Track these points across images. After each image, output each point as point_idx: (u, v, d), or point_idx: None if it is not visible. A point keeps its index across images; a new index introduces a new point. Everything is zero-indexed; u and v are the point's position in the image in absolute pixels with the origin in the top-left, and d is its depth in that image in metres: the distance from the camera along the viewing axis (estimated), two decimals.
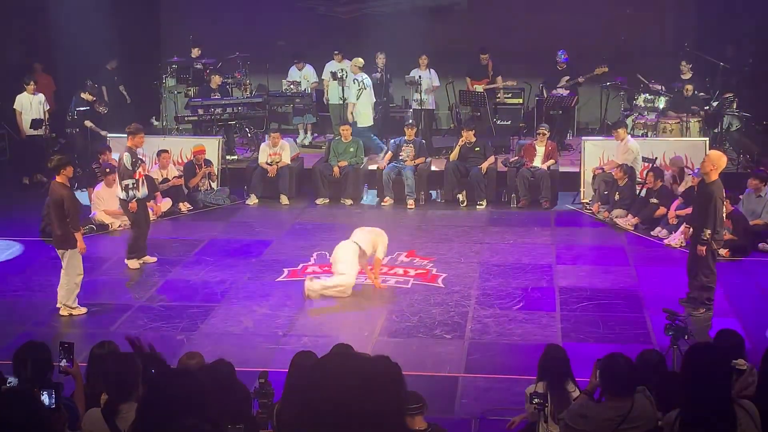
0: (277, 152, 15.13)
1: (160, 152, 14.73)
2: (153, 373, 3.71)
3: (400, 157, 15.07)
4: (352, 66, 16.34)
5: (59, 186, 9.96)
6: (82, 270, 10.13)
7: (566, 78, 16.70)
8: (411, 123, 15.59)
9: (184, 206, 14.57)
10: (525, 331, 9.63)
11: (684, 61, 16.32)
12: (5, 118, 16.60)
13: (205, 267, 11.75)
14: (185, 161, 15.24)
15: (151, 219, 12.51)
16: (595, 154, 14.95)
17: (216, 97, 16.59)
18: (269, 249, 12.49)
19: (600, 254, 12.28)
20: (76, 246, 9.98)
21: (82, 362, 6.21)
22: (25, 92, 16.02)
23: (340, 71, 16.66)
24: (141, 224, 11.65)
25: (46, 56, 17.67)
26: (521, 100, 17.40)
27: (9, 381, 5.36)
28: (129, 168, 11.35)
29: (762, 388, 5.30)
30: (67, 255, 10.01)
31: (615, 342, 9.14)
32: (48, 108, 16.23)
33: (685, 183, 13.46)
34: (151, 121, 17.89)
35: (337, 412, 2.92)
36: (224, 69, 17.51)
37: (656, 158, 14.30)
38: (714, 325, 9.53)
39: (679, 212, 12.73)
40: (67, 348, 5.63)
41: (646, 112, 16.08)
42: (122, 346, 6.24)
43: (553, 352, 6.39)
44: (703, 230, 9.68)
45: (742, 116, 15.69)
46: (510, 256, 12.15)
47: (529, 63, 17.49)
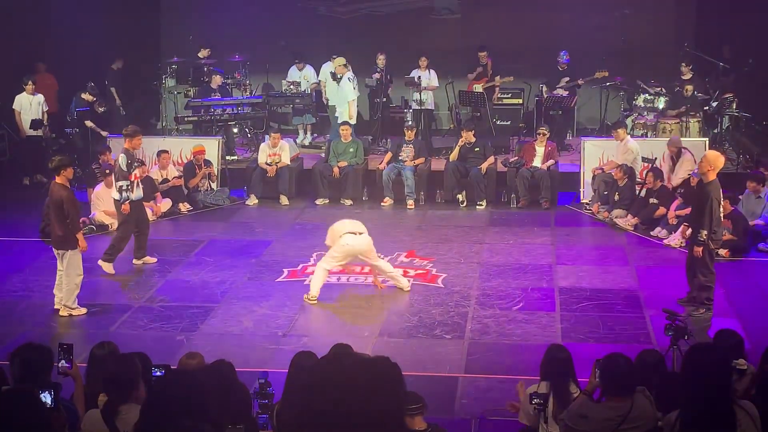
0: (276, 152, 15.12)
1: (160, 153, 14.74)
2: (155, 376, 3.72)
3: (400, 158, 15.07)
4: (336, 67, 16.19)
5: (59, 187, 9.94)
6: (82, 270, 10.12)
7: (566, 79, 16.69)
8: (411, 124, 15.59)
9: (184, 207, 14.57)
10: (525, 332, 9.63)
11: (684, 62, 16.31)
12: (5, 119, 16.59)
13: (205, 267, 11.74)
14: (185, 161, 15.24)
15: (150, 219, 12.52)
16: (595, 154, 14.96)
17: (216, 97, 16.60)
18: (269, 249, 12.49)
19: (600, 254, 12.28)
20: (76, 247, 9.97)
21: (81, 363, 6.20)
22: (24, 92, 16.01)
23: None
24: (130, 227, 11.56)
25: (50, 56, 17.65)
26: (521, 101, 17.41)
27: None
28: (124, 170, 11.32)
29: (762, 388, 5.30)
30: (67, 255, 9.99)
31: (615, 342, 9.15)
32: (47, 109, 16.22)
33: (681, 162, 13.50)
34: (151, 121, 17.88)
35: (337, 413, 2.92)
36: (224, 69, 17.49)
37: (656, 158, 14.30)
38: (714, 325, 9.53)
39: (679, 212, 12.73)
40: (67, 349, 5.61)
41: (645, 113, 16.07)
42: (122, 347, 6.26)
43: (556, 352, 6.37)
44: (699, 231, 9.69)
45: (741, 116, 15.68)
46: (510, 256, 12.14)
47: (530, 63, 17.50)
